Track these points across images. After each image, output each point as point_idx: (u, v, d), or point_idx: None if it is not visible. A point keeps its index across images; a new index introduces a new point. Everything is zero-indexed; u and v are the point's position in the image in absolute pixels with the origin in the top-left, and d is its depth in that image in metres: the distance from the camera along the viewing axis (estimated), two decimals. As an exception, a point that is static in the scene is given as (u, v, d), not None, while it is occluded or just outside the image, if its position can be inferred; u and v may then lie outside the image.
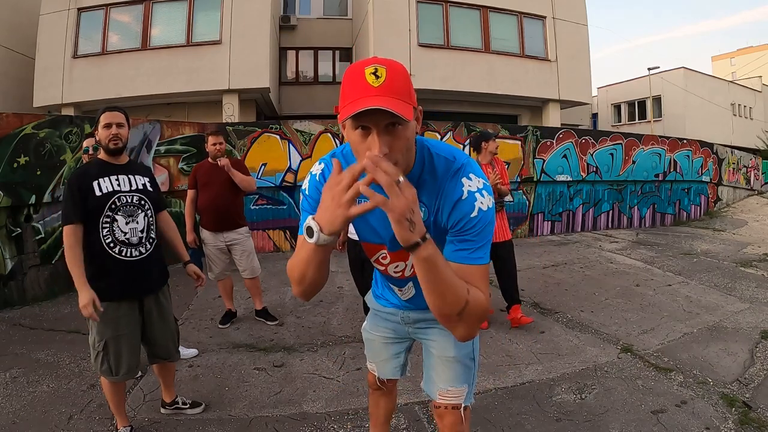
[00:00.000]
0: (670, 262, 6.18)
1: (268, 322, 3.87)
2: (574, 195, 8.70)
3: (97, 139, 2.19)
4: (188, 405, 2.50)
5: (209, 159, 3.77)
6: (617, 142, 9.06)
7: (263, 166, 6.75)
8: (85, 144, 3.35)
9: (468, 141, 3.79)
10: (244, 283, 3.93)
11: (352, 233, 3.07)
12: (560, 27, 12.20)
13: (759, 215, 11.44)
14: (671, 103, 20.44)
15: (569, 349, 3.34)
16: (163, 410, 2.48)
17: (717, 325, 3.81)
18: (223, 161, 3.59)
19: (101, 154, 2.20)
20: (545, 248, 7.16)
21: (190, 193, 3.78)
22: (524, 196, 8.21)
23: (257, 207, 6.83)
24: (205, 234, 3.73)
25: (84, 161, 3.18)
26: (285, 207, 6.91)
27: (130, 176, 2.20)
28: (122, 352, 2.09)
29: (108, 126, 2.13)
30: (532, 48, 12.02)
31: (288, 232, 6.98)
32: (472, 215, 1.10)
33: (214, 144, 3.69)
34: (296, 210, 6.94)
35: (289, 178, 6.85)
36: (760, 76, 26.50)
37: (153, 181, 2.33)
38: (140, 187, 2.23)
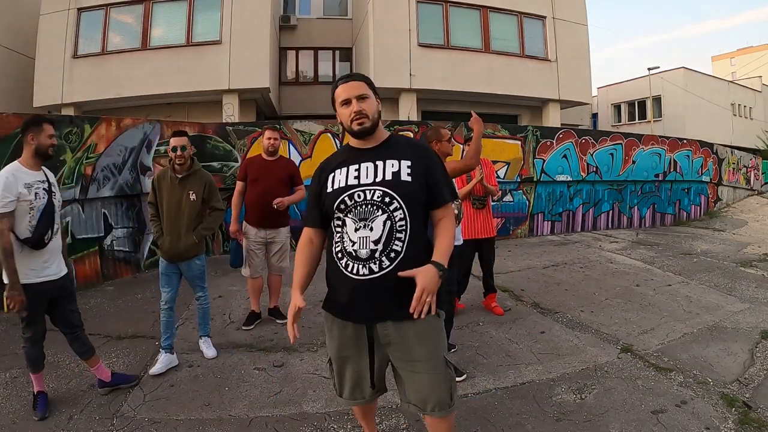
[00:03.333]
0: (670, 262, 6.18)
1: (278, 321, 3.89)
2: (574, 195, 8.70)
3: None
4: None
5: (263, 154, 3.80)
6: (617, 142, 9.06)
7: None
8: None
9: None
10: (268, 279, 3.93)
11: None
12: (560, 27, 12.20)
13: (759, 215, 11.43)
14: (671, 103, 20.44)
15: (569, 349, 3.34)
16: None
17: (717, 325, 3.81)
18: (278, 203, 3.58)
19: None
20: (545, 248, 7.16)
21: (239, 185, 3.81)
22: (524, 196, 8.21)
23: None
24: (248, 228, 3.76)
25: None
26: (285, 207, 6.90)
27: None
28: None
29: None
30: (532, 48, 12.03)
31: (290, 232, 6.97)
32: None
33: (270, 138, 3.72)
34: (296, 210, 6.95)
35: (289, 178, 6.85)
36: (760, 76, 26.51)
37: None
38: None
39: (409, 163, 1.59)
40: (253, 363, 3.13)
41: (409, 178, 1.56)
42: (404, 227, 1.54)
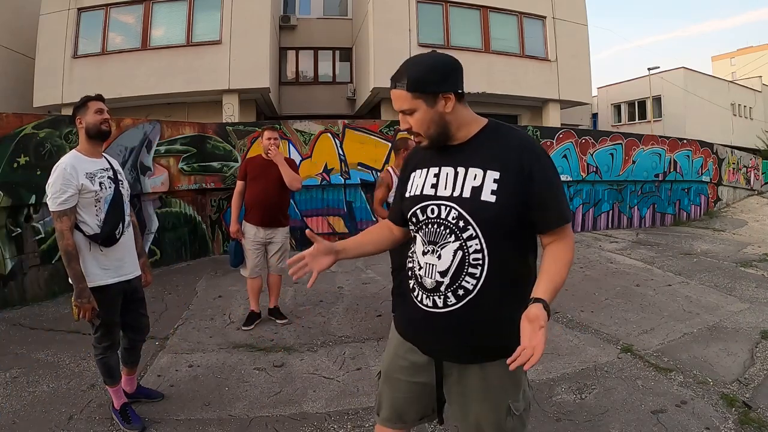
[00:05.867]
0: (670, 262, 6.18)
1: (278, 321, 3.89)
2: (574, 195, 8.70)
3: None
4: None
5: (262, 154, 3.79)
6: (617, 142, 9.06)
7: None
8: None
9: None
10: (268, 279, 3.92)
11: None
12: (560, 27, 12.20)
13: (759, 215, 11.44)
14: (671, 103, 20.44)
15: (569, 349, 3.34)
16: None
17: (717, 325, 3.81)
18: (274, 152, 3.61)
19: None
20: (545, 248, 7.15)
21: (239, 184, 3.80)
22: (524, 196, 8.20)
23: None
24: (247, 227, 3.75)
25: None
26: (285, 207, 6.91)
27: None
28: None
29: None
30: (532, 48, 12.03)
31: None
32: None
33: (269, 138, 3.70)
34: (296, 210, 6.95)
35: (289, 178, 6.85)
36: (760, 76, 26.51)
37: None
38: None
39: (497, 175, 1.17)
40: (253, 363, 3.12)
41: (491, 198, 1.16)
42: (480, 262, 1.19)
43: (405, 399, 1.39)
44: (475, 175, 1.19)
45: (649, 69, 19.66)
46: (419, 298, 1.29)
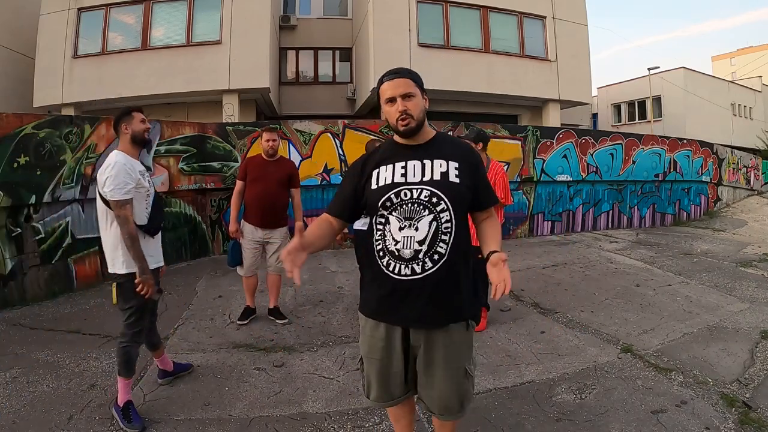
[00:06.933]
0: (670, 262, 6.18)
1: (278, 321, 3.89)
2: (574, 195, 8.70)
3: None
4: None
5: (262, 154, 3.79)
6: (617, 142, 9.06)
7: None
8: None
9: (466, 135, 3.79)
10: (267, 279, 3.93)
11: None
12: (560, 27, 12.20)
13: (759, 215, 11.44)
14: (671, 103, 20.44)
15: (569, 349, 3.34)
16: None
17: (717, 325, 3.81)
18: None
19: None
20: (545, 248, 7.16)
21: (239, 184, 3.80)
22: (524, 196, 8.21)
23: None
24: (245, 227, 3.76)
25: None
26: (285, 207, 6.90)
27: None
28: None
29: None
30: (532, 48, 12.02)
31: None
32: None
33: (268, 140, 3.70)
34: (296, 210, 6.94)
35: (289, 178, 6.84)
36: (760, 76, 26.50)
37: None
38: None
39: (457, 164, 1.56)
40: (253, 363, 3.13)
41: (457, 180, 1.54)
42: (449, 230, 1.52)
43: (390, 375, 1.65)
44: (441, 164, 1.56)
45: (649, 69, 19.68)
46: (396, 270, 1.53)
